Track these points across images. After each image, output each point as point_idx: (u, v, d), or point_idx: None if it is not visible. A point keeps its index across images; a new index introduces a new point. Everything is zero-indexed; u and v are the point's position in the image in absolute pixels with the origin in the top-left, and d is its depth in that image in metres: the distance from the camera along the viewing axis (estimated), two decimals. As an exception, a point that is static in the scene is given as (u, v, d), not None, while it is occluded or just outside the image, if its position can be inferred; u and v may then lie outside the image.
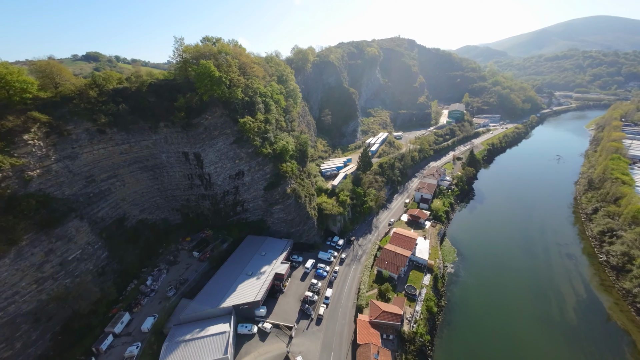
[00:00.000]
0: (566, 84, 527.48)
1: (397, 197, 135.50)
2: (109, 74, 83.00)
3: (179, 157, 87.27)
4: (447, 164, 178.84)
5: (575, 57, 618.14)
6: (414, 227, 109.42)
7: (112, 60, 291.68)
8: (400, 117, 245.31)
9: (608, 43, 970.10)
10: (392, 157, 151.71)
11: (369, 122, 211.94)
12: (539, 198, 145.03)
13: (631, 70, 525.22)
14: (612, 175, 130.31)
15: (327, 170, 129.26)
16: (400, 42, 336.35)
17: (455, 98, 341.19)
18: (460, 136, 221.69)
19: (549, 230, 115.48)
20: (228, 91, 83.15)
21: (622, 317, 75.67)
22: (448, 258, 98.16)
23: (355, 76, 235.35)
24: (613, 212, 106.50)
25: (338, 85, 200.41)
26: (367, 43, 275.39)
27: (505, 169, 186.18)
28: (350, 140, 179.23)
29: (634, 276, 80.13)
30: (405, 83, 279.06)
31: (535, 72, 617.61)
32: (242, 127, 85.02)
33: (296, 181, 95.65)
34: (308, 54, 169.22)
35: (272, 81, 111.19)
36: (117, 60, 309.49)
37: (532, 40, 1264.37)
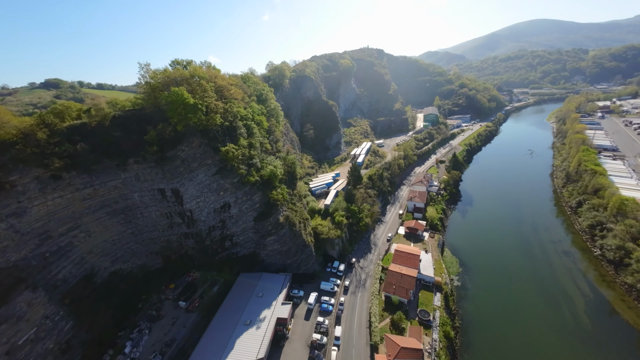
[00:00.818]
0: (521, 81, 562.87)
1: (390, 209, 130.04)
2: (67, 105, 70.83)
3: (155, 195, 75.70)
4: (432, 168, 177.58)
5: (525, 57, 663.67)
6: (412, 240, 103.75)
7: (74, 86, 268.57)
8: (380, 124, 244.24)
9: (549, 42, 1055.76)
10: (379, 168, 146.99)
11: (351, 133, 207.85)
12: (522, 194, 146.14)
13: (574, 66, 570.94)
14: (586, 167, 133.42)
15: (316, 188, 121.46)
16: (369, 53, 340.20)
17: (427, 102, 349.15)
18: (439, 139, 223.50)
19: (541, 228, 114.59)
20: (205, 118, 73.51)
21: (632, 315, 73.26)
22: (452, 270, 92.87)
23: (331, 88, 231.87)
24: (597, 204, 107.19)
25: (317, 98, 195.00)
26: (339, 55, 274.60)
27: (485, 168, 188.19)
28: (335, 153, 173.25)
29: (634, 270, 78.66)
30: (380, 91, 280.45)
31: (492, 73, 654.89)
32: (225, 156, 75.40)
33: (288, 207, 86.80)
34: (284, 69, 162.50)
35: (251, 102, 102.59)
36: (81, 85, 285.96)
37: (485, 43, 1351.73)
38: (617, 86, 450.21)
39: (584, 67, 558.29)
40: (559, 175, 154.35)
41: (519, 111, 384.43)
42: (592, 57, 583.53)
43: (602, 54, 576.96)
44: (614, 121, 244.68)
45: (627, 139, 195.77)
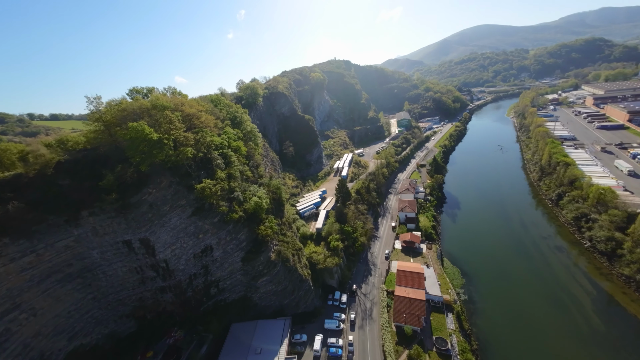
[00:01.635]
0: (477, 81, 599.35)
1: (381, 221, 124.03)
2: (2, 148, 56.54)
3: (119, 248, 62.57)
4: (414, 173, 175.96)
5: (477, 59, 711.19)
6: (411, 255, 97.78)
7: (23, 119, 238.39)
8: (357, 133, 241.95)
9: (494, 45, 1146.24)
10: (365, 180, 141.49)
11: (330, 145, 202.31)
12: (503, 190, 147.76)
13: (520, 64, 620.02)
14: (557, 159, 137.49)
15: (304, 209, 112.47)
16: (338, 64, 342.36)
17: (397, 107, 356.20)
18: (415, 143, 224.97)
19: (529, 224, 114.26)
20: (174, 154, 62.53)
21: (637, 307, 71.62)
22: (456, 282, 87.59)
23: (305, 102, 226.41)
24: (577, 195, 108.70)
25: (292, 114, 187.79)
26: (309, 69, 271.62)
27: (462, 167, 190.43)
28: (317, 168, 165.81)
29: (629, 261, 78.05)
30: (353, 101, 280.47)
31: (450, 75, 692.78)
32: (201, 194, 64.56)
33: (279, 240, 76.98)
34: (256, 88, 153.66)
35: (225, 126, 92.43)
36: (31, 118, 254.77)
37: (439, 49, 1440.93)
38: (558, 80, 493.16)
39: (527, 64, 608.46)
40: (532, 168, 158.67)
41: (480, 109, 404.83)
42: (533, 56, 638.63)
43: (541, 53, 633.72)
44: (565, 112, 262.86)
45: (581, 127, 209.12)
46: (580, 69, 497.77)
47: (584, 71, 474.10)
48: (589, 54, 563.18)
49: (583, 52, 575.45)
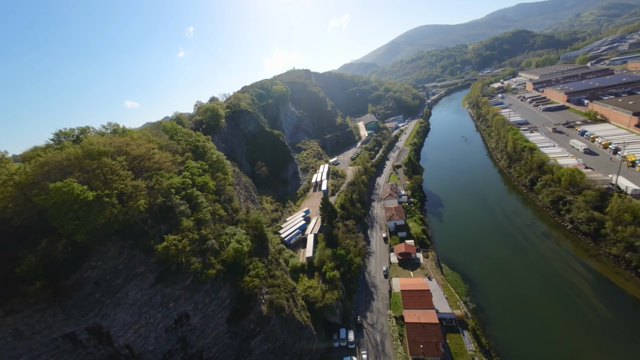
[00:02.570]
0: (428, 77, 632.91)
1: (371, 233, 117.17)
2: None
3: (59, 345, 46.79)
4: (391, 175, 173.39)
5: (424, 57, 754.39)
6: (409, 267, 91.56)
7: None
8: (328, 142, 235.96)
9: (436, 43, 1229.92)
10: (347, 191, 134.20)
11: (304, 157, 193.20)
12: (478, 181, 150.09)
13: (462, 58, 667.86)
14: (521, 145, 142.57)
15: (290, 236, 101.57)
16: (298, 74, 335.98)
17: (361, 110, 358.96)
18: (386, 144, 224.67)
19: (510, 213, 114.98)
20: (121, 211, 48.68)
21: (633, 287, 71.75)
22: (460, 290, 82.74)
23: (272, 116, 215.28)
24: (549, 179, 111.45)
25: (260, 131, 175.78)
26: (270, 81, 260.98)
27: (435, 163, 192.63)
28: (295, 185, 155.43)
29: (615, 240, 78.93)
30: (319, 109, 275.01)
31: (404, 74, 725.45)
32: (165, 255, 51.19)
33: (268, 286, 65.43)
34: (217, 109, 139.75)
35: (187, 160, 78.82)
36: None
37: (388, 50, 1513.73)
38: (497, 69, 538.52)
39: (469, 58, 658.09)
40: (499, 156, 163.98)
41: (437, 103, 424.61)
42: (472, 50, 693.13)
43: (478, 46, 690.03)
44: (512, 98, 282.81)
45: (529, 112, 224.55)
46: (513, 58, 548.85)
47: (517, 59, 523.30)
48: (517, 44, 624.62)
49: (512, 43, 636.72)
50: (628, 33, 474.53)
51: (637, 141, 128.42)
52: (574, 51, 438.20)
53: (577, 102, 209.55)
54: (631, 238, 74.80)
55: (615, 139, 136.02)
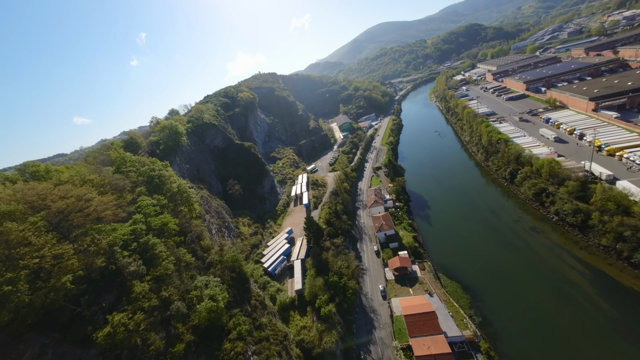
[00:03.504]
0: (394, 73, 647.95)
1: (361, 247, 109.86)
2: None
3: None
4: (373, 177, 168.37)
5: (388, 54, 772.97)
6: (407, 284, 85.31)
7: None
8: (303, 148, 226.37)
9: (397, 39, 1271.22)
10: (331, 203, 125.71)
11: (279, 168, 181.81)
12: (458, 176, 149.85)
13: (423, 53, 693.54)
14: (495, 137, 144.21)
15: (274, 265, 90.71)
16: (264, 78, 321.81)
17: (333, 111, 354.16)
18: (363, 145, 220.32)
19: (496, 209, 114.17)
20: (39, 295, 35.19)
21: (629, 277, 71.34)
22: (463, 303, 77.99)
23: (240, 126, 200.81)
24: (529, 171, 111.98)
25: (229, 144, 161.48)
26: (235, 88, 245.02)
27: (413, 161, 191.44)
28: (273, 201, 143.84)
29: (604, 231, 78.78)
30: (290, 114, 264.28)
31: (370, 71, 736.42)
32: (110, 341, 38.45)
33: (255, 341, 54.52)
34: (176, 126, 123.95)
35: (139, 198, 64.99)
36: None
37: (352, 48, 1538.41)
38: (456, 62, 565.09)
39: (429, 52, 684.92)
40: (475, 149, 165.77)
41: (405, 98, 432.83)
42: (431, 44, 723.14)
43: (437, 41, 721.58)
44: (475, 90, 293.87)
45: (494, 102, 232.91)
46: (469, 50, 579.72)
47: (473, 52, 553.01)
48: (471, 37, 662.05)
49: (467, 36, 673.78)
50: (564, 23, 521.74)
51: (597, 125, 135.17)
52: (522, 41, 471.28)
53: (535, 90, 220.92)
54: (620, 228, 74.60)
55: (577, 124, 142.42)
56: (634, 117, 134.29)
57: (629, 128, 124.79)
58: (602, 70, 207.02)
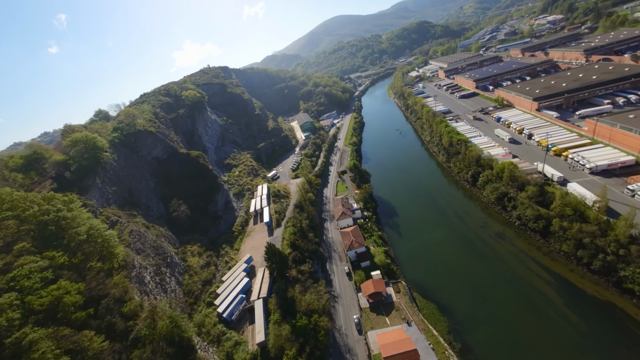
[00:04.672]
0: (352, 67, 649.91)
1: (330, 268, 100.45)
2: None
3: None
4: (338, 183, 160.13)
5: (345, 48, 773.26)
6: (384, 312, 78.32)
7: None
8: (263, 152, 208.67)
9: (352, 33, 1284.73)
10: (295, 219, 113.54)
11: (236, 178, 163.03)
12: (423, 178, 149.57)
13: (379, 48, 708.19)
14: (455, 139, 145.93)
15: (230, 308, 76.19)
16: (215, 73, 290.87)
17: (294, 109, 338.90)
18: (326, 146, 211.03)
19: (462, 213, 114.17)
20: None
21: (589, 284, 73.47)
22: (441, 327, 73.53)
23: (187, 131, 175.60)
24: (491, 175, 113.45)
25: (172, 154, 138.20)
26: (179, 85, 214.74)
27: (377, 162, 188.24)
28: (229, 220, 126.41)
29: (564, 238, 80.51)
30: (246, 114, 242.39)
31: (328, 65, 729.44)
32: None
33: None
34: (94, 139, 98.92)
35: (17, 260, 45.15)
36: None
37: (309, 41, 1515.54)
38: (409, 58, 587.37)
39: (385, 47, 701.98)
40: (436, 150, 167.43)
41: (364, 94, 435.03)
42: (386, 40, 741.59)
43: (391, 36, 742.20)
44: (431, 87, 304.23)
45: (448, 100, 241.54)
46: (421, 47, 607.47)
47: (424, 48, 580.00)
48: (422, 34, 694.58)
49: (418, 32, 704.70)
50: (500, 24, 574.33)
51: (542, 125, 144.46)
52: (467, 40, 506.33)
53: (483, 88, 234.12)
54: (579, 235, 76.24)
55: (525, 124, 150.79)
56: (570, 116, 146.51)
57: (568, 128, 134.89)
58: (538, 70, 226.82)
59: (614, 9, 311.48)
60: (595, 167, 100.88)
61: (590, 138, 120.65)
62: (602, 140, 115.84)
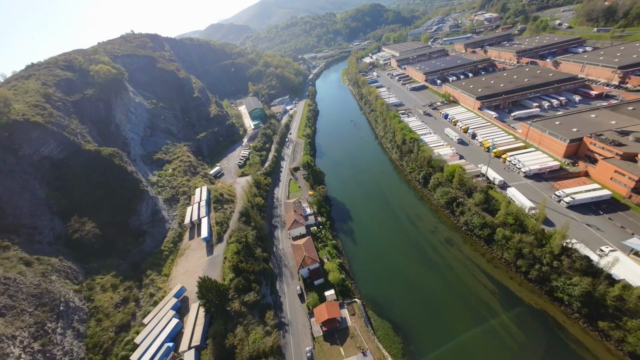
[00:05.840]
0: (305, 47, 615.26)
1: (280, 287, 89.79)
2: None
3: None
4: (291, 182, 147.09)
5: (299, 24, 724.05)
6: (338, 340, 71.79)
7: None
8: (204, 143, 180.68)
9: (306, 8, 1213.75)
10: (240, 232, 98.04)
11: (169, 177, 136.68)
12: (377, 177, 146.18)
13: (334, 28, 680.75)
14: (408, 137, 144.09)
15: (152, 365, 60.16)
16: (140, 42, 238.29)
17: (242, 90, 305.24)
18: (277, 138, 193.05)
19: (414, 217, 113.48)
20: None
21: (526, 292, 77.73)
22: (396, 350, 70.39)
23: (98, 119, 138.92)
24: (441, 177, 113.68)
25: (72, 152, 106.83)
26: (87, 57, 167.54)
27: (331, 158, 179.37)
28: (158, 235, 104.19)
29: (505, 247, 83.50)
30: (183, 96, 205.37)
31: (281, 42, 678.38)
32: None
33: None
34: None
35: None
36: None
37: (260, 11, 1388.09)
38: (364, 42, 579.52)
39: (339, 28, 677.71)
40: (389, 146, 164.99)
41: (319, 77, 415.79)
42: (340, 20, 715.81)
43: (345, 17, 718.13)
44: (383, 76, 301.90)
45: (400, 91, 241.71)
46: (374, 31, 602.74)
47: (377, 33, 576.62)
48: (376, 18, 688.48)
49: (371, 16, 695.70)
50: (445, 15, 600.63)
51: (484, 125, 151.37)
52: (416, 29, 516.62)
53: (432, 82, 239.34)
54: (519, 245, 79.13)
55: (469, 122, 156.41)
56: (506, 117, 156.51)
57: (505, 129, 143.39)
58: (479, 68, 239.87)
59: (538, 13, 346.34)
60: (529, 171, 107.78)
61: (523, 141, 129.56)
62: (533, 144, 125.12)
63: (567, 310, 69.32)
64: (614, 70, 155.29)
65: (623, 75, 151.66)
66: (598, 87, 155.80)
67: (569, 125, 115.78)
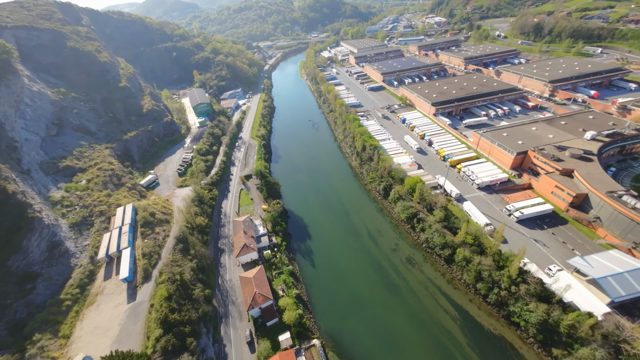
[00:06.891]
0: (261, 34, 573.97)
1: (226, 332, 74.68)
2: None
3: None
4: (242, 192, 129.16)
5: (254, 9, 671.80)
6: (294, 400, 60.60)
7: None
8: (134, 144, 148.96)
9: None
10: (174, 268, 78.82)
11: (80, 193, 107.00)
12: (336, 186, 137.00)
13: (291, 17, 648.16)
14: (368, 143, 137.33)
15: None
16: (45, 11, 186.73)
17: (185, 79, 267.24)
18: (227, 140, 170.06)
19: (375, 233, 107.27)
20: None
21: (485, 316, 76.69)
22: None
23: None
24: (402, 191, 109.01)
25: None
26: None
27: (288, 162, 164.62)
28: (58, 276, 79.50)
29: (465, 269, 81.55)
30: (105, 85, 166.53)
31: (233, 26, 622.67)
32: None
33: None
34: None
35: None
36: None
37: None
38: (322, 34, 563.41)
39: (297, 17, 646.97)
40: (349, 151, 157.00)
41: (275, 68, 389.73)
42: (298, 8, 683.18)
43: (303, 6, 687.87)
44: (342, 72, 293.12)
45: (359, 90, 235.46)
46: (333, 24, 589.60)
47: (336, 26, 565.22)
48: (334, 10, 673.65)
49: (330, 7, 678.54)
50: (399, 15, 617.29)
51: (439, 132, 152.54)
52: (373, 25, 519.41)
53: (389, 82, 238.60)
54: (479, 267, 77.26)
55: (425, 129, 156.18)
56: (458, 124, 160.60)
57: (458, 137, 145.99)
58: (432, 71, 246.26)
59: (480, 22, 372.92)
60: (481, 182, 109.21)
61: (475, 150, 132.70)
62: (484, 154, 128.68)
63: (523, 335, 69.12)
64: (546, 83, 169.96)
65: (553, 89, 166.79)
66: (533, 99, 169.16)
67: (515, 137, 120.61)
